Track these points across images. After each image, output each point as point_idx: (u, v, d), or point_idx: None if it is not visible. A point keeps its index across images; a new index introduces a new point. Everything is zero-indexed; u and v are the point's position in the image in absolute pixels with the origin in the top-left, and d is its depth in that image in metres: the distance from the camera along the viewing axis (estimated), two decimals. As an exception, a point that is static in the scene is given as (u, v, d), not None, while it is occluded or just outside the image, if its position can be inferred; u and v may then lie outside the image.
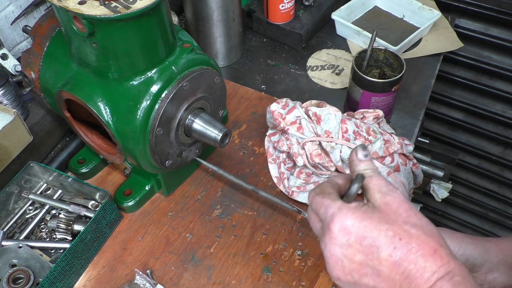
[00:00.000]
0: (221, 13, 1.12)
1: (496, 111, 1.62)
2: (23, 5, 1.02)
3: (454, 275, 0.44)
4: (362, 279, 0.48)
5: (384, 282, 0.47)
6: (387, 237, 0.46)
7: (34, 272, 0.77)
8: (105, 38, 0.69)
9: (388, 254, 0.46)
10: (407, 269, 0.45)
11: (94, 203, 0.89)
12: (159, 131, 0.77)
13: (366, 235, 0.47)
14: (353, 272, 0.48)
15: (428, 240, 0.46)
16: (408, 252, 0.45)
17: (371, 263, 0.47)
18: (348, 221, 0.48)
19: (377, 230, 0.47)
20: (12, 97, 0.92)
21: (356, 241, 0.47)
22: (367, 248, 0.47)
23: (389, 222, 0.47)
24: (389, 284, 0.47)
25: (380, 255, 0.46)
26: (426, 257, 0.45)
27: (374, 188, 0.50)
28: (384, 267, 0.46)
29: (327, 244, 0.49)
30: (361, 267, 0.48)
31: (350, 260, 0.48)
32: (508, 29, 1.45)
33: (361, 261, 0.48)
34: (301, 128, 0.91)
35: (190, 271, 0.84)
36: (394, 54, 1.01)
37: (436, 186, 1.58)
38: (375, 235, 0.47)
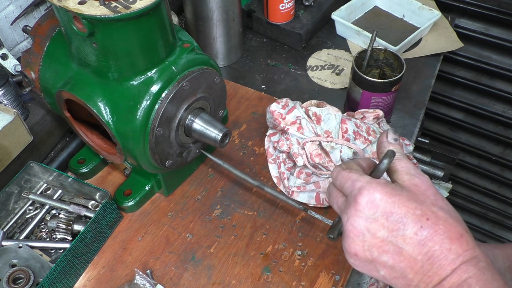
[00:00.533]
0: (221, 13, 1.12)
1: (496, 111, 1.62)
2: (23, 5, 1.02)
3: (479, 261, 0.44)
4: (382, 256, 0.47)
5: (404, 262, 0.46)
6: (415, 216, 0.46)
7: (34, 272, 0.77)
8: (105, 38, 0.69)
9: (414, 232, 0.45)
10: (431, 250, 0.45)
11: (94, 203, 0.89)
12: (159, 131, 0.77)
13: (394, 211, 0.46)
14: (373, 248, 0.47)
15: (455, 224, 0.46)
16: (435, 232, 0.45)
17: (395, 240, 0.46)
18: (377, 195, 0.47)
19: (405, 207, 0.46)
20: (12, 97, 0.92)
21: (382, 216, 0.47)
22: (393, 224, 0.46)
23: (418, 202, 0.46)
24: (410, 263, 0.46)
25: (405, 232, 0.46)
26: (452, 239, 0.45)
27: (402, 169, 0.50)
28: (408, 245, 0.46)
29: (351, 217, 0.48)
30: (383, 244, 0.47)
31: (373, 235, 0.47)
32: (508, 29, 1.45)
33: (384, 237, 0.47)
34: (301, 128, 0.91)
35: (190, 271, 0.84)
36: (394, 54, 1.01)
37: (436, 186, 1.58)
38: (403, 212, 0.46)
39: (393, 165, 0.51)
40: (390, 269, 0.48)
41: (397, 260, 0.47)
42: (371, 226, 0.47)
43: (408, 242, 0.46)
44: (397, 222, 0.46)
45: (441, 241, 0.45)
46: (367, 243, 0.48)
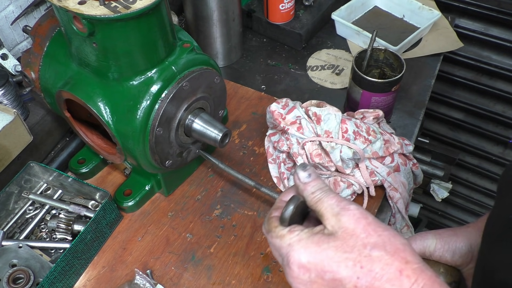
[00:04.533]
0: (221, 13, 1.12)
1: (496, 111, 1.62)
2: (23, 5, 1.02)
3: None
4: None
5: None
6: (348, 268, 0.43)
7: (34, 272, 0.77)
8: (105, 38, 0.69)
9: (353, 285, 0.43)
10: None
11: (94, 203, 0.89)
12: (159, 131, 0.77)
13: (326, 269, 0.44)
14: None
15: (391, 261, 0.43)
16: (373, 279, 0.43)
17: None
18: (303, 258, 0.45)
19: (336, 263, 0.44)
20: (12, 97, 0.92)
21: (317, 277, 0.45)
22: (331, 282, 0.44)
23: (347, 250, 0.44)
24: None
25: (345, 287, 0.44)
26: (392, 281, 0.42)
27: (327, 211, 0.47)
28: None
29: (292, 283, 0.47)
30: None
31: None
32: (508, 29, 1.45)
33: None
34: (301, 128, 0.91)
35: (190, 271, 0.84)
36: (394, 54, 1.01)
37: (436, 186, 1.58)
38: (334, 268, 0.44)
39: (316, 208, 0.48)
40: None
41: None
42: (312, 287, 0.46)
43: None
44: (334, 280, 0.44)
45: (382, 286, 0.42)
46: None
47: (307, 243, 0.46)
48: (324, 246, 0.45)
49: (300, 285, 0.46)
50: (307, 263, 0.45)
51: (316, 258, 0.45)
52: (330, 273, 0.44)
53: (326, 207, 0.47)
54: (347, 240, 0.44)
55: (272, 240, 0.49)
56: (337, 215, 0.46)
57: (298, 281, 0.46)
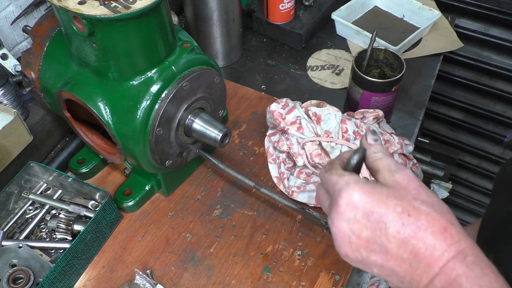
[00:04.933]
0: (221, 13, 1.12)
1: (496, 111, 1.62)
2: (23, 5, 1.02)
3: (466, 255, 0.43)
4: (370, 256, 0.47)
5: (392, 260, 0.45)
6: (396, 213, 0.44)
7: (34, 272, 0.77)
8: (105, 38, 0.69)
9: (396, 230, 0.44)
10: (416, 247, 0.44)
11: (94, 203, 0.89)
12: (159, 131, 0.77)
13: (374, 210, 0.45)
14: (361, 248, 0.47)
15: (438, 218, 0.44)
16: (417, 229, 0.44)
17: (379, 240, 0.45)
18: (355, 195, 0.46)
19: (385, 205, 0.45)
20: (12, 97, 0.92)
21: (363, 216, 0.46)
22: (375, 224, 0.45)
23: (398, 198, 0.45)
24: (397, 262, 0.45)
25: (388, 231, 0.45)
26: (436, 235, 0.43)
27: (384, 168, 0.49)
28: (392, 244, 0.45)
29: (334, 220, 0.48)
30: (368, 244, 0.46)
31: (358, 236, 0.46)
32: (508, 29, 1.45)
33: (369, 237, 0.46)
34: (301, 128, 0.91)
35: (190, 271, 0.84)
36: (394, 54, 1.01)
37: (436, 186, 1.58)
38: (383, 210, 0.45)
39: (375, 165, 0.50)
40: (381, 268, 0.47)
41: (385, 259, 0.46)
42: (354, 227, 0.46)
43: (392, 241, 0.45)
44: (379, 222, 0.45)
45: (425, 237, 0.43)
46: (354, 244, 0.47)
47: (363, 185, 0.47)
48: (378, 190, 0.46)
49: (343, 222, 0.47)
50: (357, 200, 0.46)
51: (367, 198, 0.46)
52: (377, 214, 0.45)
53: (385, 165, 0.49)
54: (399, 191, 0.46)
55: (331, 176, 0.50)
56: (392, 172, 0.48)
57: (342, 217, 0.47)
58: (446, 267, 0.42)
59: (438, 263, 0.43)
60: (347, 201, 0.46)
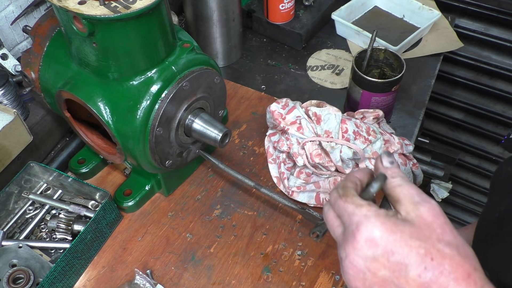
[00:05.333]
0: (221, 13, 1.12)
1: (496, 111, 1.62)
2: (23, 5, 1.02)
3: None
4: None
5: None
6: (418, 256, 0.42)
7: (34, 272, 0.77)
8: (105, 38, 0.69)
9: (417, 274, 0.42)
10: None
11: (94, 203, 0.89)
12: (159, 131, 0.77)
13: (395, 251, 0.42)
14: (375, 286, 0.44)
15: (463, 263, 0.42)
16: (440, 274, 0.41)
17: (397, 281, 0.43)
18: (376, 232, 0.43)
19: (408, 247, 0.42)
20: (12, 97, 0.92)
21: (383, 256, 0.43)
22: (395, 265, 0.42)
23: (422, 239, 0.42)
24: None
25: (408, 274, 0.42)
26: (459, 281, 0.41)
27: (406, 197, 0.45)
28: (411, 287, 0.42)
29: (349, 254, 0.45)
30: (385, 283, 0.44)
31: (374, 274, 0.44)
32: (508, 29, 1.45)
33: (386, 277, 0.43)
34: (301, 128, 0.91)
35: (190, 271, 0.84)
36: (394, 54, 1.01)
37: (436, 186, 1.58)
38: (405, 252, 0.42)
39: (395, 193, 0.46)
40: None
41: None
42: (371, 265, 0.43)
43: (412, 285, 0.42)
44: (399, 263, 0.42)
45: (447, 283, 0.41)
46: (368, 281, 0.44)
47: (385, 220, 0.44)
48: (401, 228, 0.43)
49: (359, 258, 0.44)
50: (379, 238, 0.43)
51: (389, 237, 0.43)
52: (398, 255, 0.42)
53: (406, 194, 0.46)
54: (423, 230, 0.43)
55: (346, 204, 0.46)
56: (416, 204, 0.44)
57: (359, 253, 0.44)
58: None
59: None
60: (366, 237, 0.43)
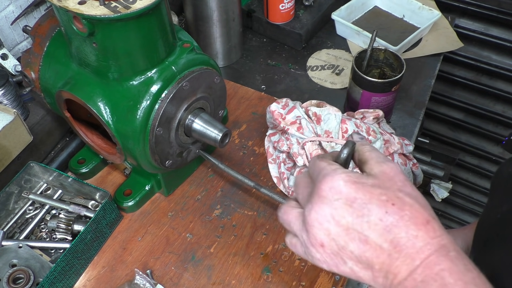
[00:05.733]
0: (221, 13, 1.12)
1: (496, 111, 1.62)
2: (23, 5, 1.02)
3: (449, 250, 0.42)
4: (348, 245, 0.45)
5: (370, 251, 0.44)
6: (380, 201, 0.43)
7: (34, 272, 0.77)
8: (105, 38, 0.69)
9: (379, 218, 0.43)
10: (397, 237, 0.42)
11: (94, 203, 0.89)
12: (159, 131, 0.77)
13: (358, 196, 0.44)
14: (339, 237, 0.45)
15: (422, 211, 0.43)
16: (400, 218, 0.42)
17: (360, 227, 0.44)
18: (340, 181, 0.45)
19: (370, 193, 0.44)
20: (12, 97, 0.92)
21: (346, 202, 0.44)
22: (357, 210, 0.44)
23: (383, 188, 0.45)
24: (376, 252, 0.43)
25: (370, 218, 0.43)
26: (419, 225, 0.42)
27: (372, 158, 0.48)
28: (373, 232, 0.43)
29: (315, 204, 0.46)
30: (348, 231, 0.44)
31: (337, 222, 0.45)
32: (508, 29, 1.45)
33: (349, 224, 0.44)
34: (301, 128, 0.91)
35: (190, 271, 0.84)
36: (394, 54, 1.01)
37: (436, 186, 1.58)
38: (367, 197, 0.44)
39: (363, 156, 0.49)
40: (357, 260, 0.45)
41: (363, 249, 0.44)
42: (335, 212, 0.45)
43: (374, 229, 0.43)
44: (362, 208, 0.44)
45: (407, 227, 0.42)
46: (333, 232, 0.45)
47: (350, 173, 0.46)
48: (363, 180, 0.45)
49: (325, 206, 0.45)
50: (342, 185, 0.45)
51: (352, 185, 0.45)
52: (361, 200, 0.44)
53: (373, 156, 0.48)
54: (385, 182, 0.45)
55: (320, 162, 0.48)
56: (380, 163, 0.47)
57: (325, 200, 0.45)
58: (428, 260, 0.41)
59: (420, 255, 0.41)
60: (331, 185, 0.45)
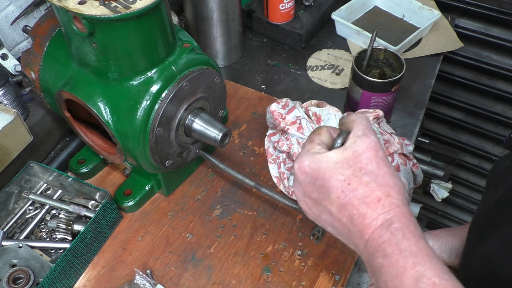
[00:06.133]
0: (221, 13, 1.12)
1: (496, 111, 1.62)
2: (23, 5, 1.02)
3: (392, 223, 0.45)
4: (321, 215, 0.51)
5: (336, 222, 0.50)
6: (337, 181, 0.48)
7: (34, 272, 0.77)
8: (105, 38, 0.69)
9: (336, 196, 0.48)
10: (351, 214, 0.47)
11: (94, 203, 0.89)
12: (159, 131, 0.77)
13: (319, 176, 0.49)
14: (313, 207, 0.52)
15: (376, 189, 0.47)
16: (354, 197, 0.47)
17: (324, 203, 0.50)
18: (306, 162, 0.51)
19: (329, 173, 0.49)
20: (12, 97, 0.92)
21: (311, 181, 0.50)
22: (320, 188, 0.50)
23: (344, 167, 0.48)
24: (339, 224, 0.49)
25: (330, 196, 0.49)
26: (368, 204, 0.46)
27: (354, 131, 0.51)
28: (334, 207, 0.49)
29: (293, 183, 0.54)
30: (317, 204, 0.51)
31: (309, 197, 0.52)
32: (508, 29, 1.45)
33: (317, 199, 0.51)
34: (301, 128, 0.91)
35: (190, 271, 0.84)
36: (394, 54, 1.01)
37: (436, 186, 1.58)
38: (326, 177, 0.49)
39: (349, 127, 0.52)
40: (331, 227, 0.51)
41: (331, 220, 0.50)
42: (306, 189, 0.51)
43: (334, 205, 0.49)
44: (323, 187, 0.49)
45: (358, 205, 0.47)
46: (308, 203, 0.52)
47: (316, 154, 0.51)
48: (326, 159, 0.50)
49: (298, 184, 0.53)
50: (307, 166, 0.50)
51: (315, 165, 0.50)
52: (321, 180, 0.49)
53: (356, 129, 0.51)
54: (349, 160, 0.49)
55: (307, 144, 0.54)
56: (357, 137, 0.50)
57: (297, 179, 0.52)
58: (374, 234, 0.46)
59: (368, 230, 0.46)
60: (298, 166, 0.51)
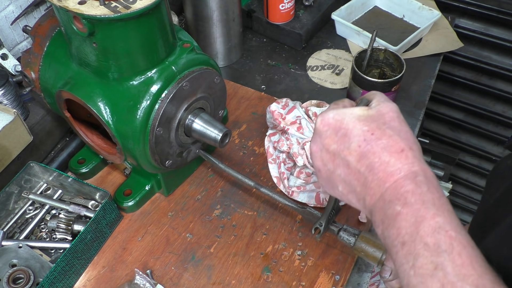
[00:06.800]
0: (221, 13, 1.12)
1: (496, 111, 1.62)
2: (23, 5, 1.02)
3: (417, 175, 0.45)
4: (336, 170, 0.51)
5: (352, 175, 0.49)
6: (361, 131, 0.48)
7: (34, 272, 0.77)
8: (105, 38, 0.69)
9: (357, 145, 0.48)
10: (372, 162, 0.47)
11: (94, 203, 0.89)
12: (159, 131, 0.77)
13: (342, 126, 0.50)
14: (329, 162, 0.52)
15: (399, 141, 0.47)
16: (376, 146, 0.47)
17: (342, 154, 0.50)
18: (330, 114, 0.51)
19: (353, 123, 0.49)
20: (12, 97, 0.92)
21: (332, 132, 0.51)
22: (341, 138, 0.50)
23: (368, 120, 0.49)
24: (356, 176, 0.49)
25: (350, 145, 0.49)
26: (392, 153, 0.46)
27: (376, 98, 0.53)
28: (353, 157, 0.49)
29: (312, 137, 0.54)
30: (334, 157, 0.51)
31: (327, 150, 0.51)
32: (508, 29, 1.45)
33: (335, 151, 0.50)
34: (301, 128, 0.91)
35: (190, 271, 0.84)
36: (394, 54, 1.01)
37: (436, 186, 1.57)
38: (350, 127, 0.49)
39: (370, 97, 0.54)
40: (344, 183, 0.51)
41: (347, 173, 0.50)
42: (325, 141, 0.51)
43: (353, 155, 0.49)
44: (344, 136, 0.49)
45: (381, 153, 0.47)
46: (324, 158, 0.52)
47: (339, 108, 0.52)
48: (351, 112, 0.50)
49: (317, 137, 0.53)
50: (331, 118, 0.51)
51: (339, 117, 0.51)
52: (344, 129, 0.50)
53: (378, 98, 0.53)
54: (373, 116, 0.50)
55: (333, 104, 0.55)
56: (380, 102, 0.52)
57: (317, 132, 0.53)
58: (396, 183, 0.45)
59: (390, 178, 0.46)
60: (321, 119, 0.52)
